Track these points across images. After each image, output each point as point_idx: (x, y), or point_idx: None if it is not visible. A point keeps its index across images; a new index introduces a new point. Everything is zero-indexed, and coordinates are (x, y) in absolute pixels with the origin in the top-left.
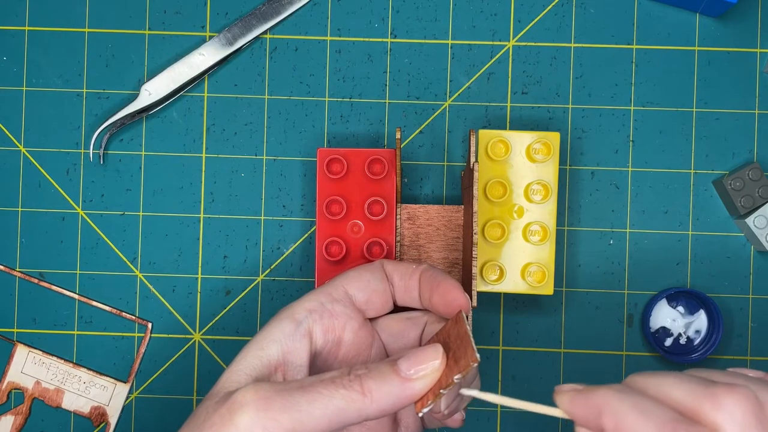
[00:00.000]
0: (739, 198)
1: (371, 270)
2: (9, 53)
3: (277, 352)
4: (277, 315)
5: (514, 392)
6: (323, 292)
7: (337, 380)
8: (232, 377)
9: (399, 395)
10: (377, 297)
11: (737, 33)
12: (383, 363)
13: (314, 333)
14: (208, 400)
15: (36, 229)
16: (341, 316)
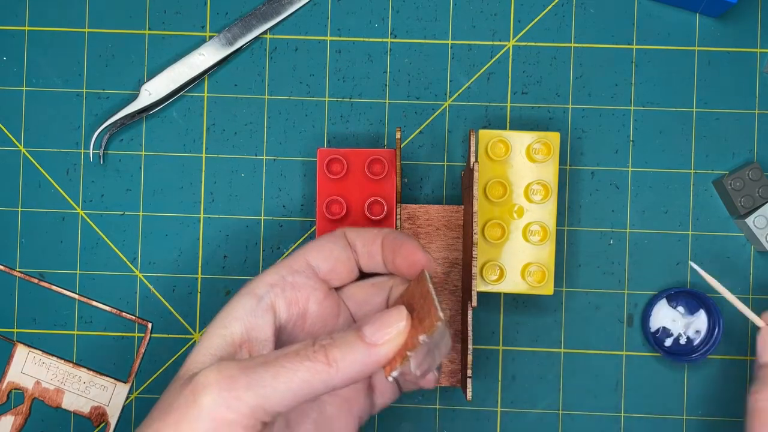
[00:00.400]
0: (739, 198)
1: (333, 239)
2: (9, 53)
3: (240, 329)
4: (238, 292)
5: (515, 392)
6: (284, 266)
7: (301, 352)
8: (197, 359)
9: (365, 362)
10: (341, 266)
11: (737, 33)
12: (347, 331)
13: (277, 307)
14: (173, 384)
15: (36, 229)
16: (304, 287)
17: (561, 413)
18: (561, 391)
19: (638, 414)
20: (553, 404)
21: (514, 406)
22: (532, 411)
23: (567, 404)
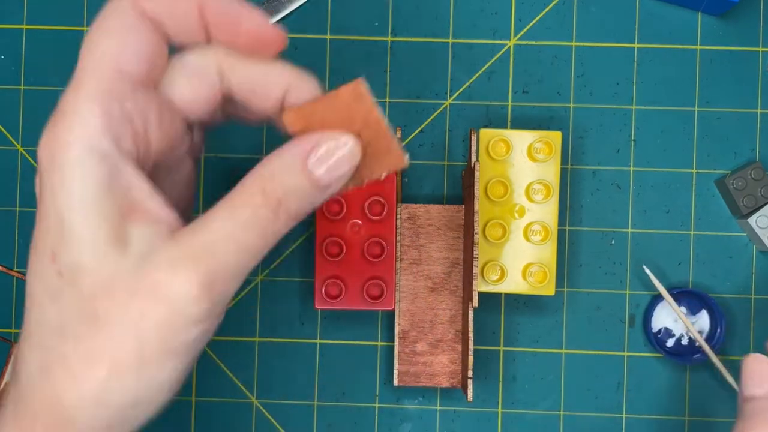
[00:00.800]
0: (741, 197)
1: (120, 19)
2: (7, 52)
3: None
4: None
5: (516, 393)
6: (99, 92)
7: (259, 222)
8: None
9: (315, 203)
10: (158, 58)
11: (739, 32)
12: (305, 184)
13: (131, 160)
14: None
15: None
16: (136, 111)
17: (562, 414)
18: (562, 392)
19: (640, 415)
20: (554, 405)
21: (515, 407)
22: (533, 412)
23: (568, 405)
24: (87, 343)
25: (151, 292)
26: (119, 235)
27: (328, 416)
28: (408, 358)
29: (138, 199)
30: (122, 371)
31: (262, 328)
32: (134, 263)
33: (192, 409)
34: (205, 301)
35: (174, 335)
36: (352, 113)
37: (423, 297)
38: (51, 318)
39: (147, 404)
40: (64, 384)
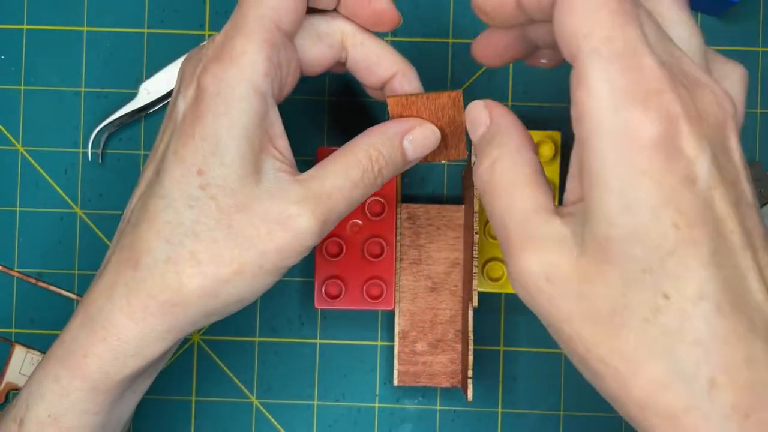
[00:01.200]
0: None
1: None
2: (7, 52)
3: (258, 144)
4: (222, 85)
5: (516, 393)
6: (262, 42)
7: (364, 180)
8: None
9: (397, 173)
10: (298, 15)
11: (739, 32)
12: (398, 156)
13: (275, 100)
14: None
15: (34, 228)
16: (285, 64)
17: (562, 414)
18: (562, 392)
19: None
20: (554, 405)
21: (515, 407)
22: (533, 412)
23: (568, 405)
24: (220, 247)
25: (282, 221)
26: (257, 164)
27: (328, 416)
28: (408, 358)
29: (275, 135)
30: (242, 275)
31: (262, 327)
32: (266, 191)
33: (192, 409)
34: (318, 235)
35: (287, 257)
36: (443, 112)
37: (423, 297)
38: (185, 221)
39: (242, 303)
40: (190, 276)
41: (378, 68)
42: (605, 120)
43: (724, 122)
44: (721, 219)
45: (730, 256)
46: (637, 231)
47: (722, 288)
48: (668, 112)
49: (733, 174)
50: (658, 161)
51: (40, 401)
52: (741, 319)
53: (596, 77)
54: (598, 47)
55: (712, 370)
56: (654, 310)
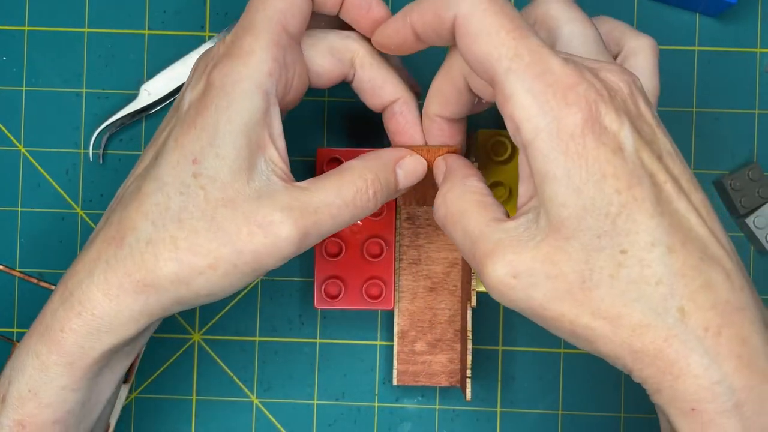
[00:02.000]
0: (739, 198)
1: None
2: (8, 53)
3: (256, 140)
4: (226, 81)
5: (514, 393)
6: (269, 44)
7: (356, 201)
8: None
9: (388, 200)
10: (304, 20)
11: (737, 33)
12: (392, 182)
13: (277, 100)
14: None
15: (35, 229)
16: (291, 66)
17: (561, 413)
18: (561, 392)
19: (639, 414)
20: (553, 404)
21: (514, 407)
22: (532, 411)
23: (567, 405)
24: (199, 237)
25: (264, 224)
26: (251, 161)
27: (328, 415)
28: (407, 357)
29: (273, 135)
30: (215, 269)
31: (262, 327)
32: (255, 191)
33: (192, 408)
34: (296, 246)
35: (262, 262)
36: (434, 156)
37: (422, 297)
38: (173, 206)
39: (212, 297)
40: (166, 260)
41: (382, 92)
42: (537, 123)
43: (630, 92)
44: (653, 173)
45: (669, 203)
46: (586, 205)
47: (670, 231)
48: (586, 100)
49: (650, 133)
50: (590, 142)
51: (20, 376)
52: (692, 253)
53: (518, 91)
54: (511, 66)
55: (679, 300)
56: (616, 265)
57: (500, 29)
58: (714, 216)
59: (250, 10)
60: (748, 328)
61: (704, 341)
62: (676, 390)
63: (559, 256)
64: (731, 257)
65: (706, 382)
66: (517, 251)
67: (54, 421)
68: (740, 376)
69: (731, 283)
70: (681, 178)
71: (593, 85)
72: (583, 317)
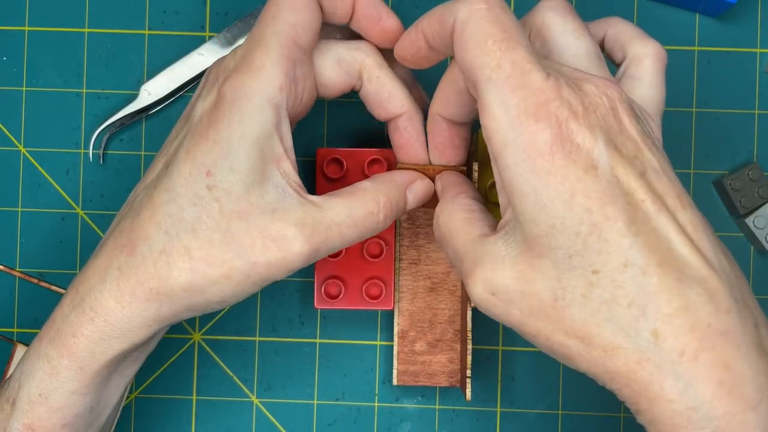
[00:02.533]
0: (738, 198)
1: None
2: (9, 53)
3: (265, 154)
4: (239, 95)
5: (514, 393)
6: (280, 57)
7: (366, 222)
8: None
9: (394, 219)
10: (315, 33)
11: (737, 33)
12: (402, 203)
13: (288, 114)
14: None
15: (36, 229)
16: (301, 79)
17: (561, 413)
18: (561, 392)
19: None
20: (553, 404)
21: (514, 407)
22: (532, 411)
23: (567, 404)
24: (214, 248)
25: (278, 239)
26: (264, 174)
27: (328, 415)
28: (407, 357)
29: (285, 148)
30: (229, 279)
31: (262, 327)
32: (270, 205)
33: (192, 408)
34: (305, 261)
35: (274, 273)
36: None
37: (422, 297)
38: (186, 216)
39: (222, 304)
40: (180, 269)
41: (388, 105)
42: (507, 137)
43: (613, 107)
44: (629, 192)
45: (646, 222)
46: (555, 224)
47: (644, 251)
48: (557, 118)
49: (633, 149)
50: (559, 160)
51: (31, 380)
52: (669, 274)
53: (493, 102)
54: (490, 76)
55: (652, 323)
56: (588, 285)
57: (488, 38)
58: (705, 233)
59: (261, 24)
60: (732, 353)
61: (679, 366)
62: (654, 413)
63: (533, 274)
64: (719, 277)
65: (681, 407)
66: (494, 268)
67: (63, 425)
68: (720, 403)
69: (715, 305)
70: (666, 195)
71: (568, 101)
72: (557, 335)
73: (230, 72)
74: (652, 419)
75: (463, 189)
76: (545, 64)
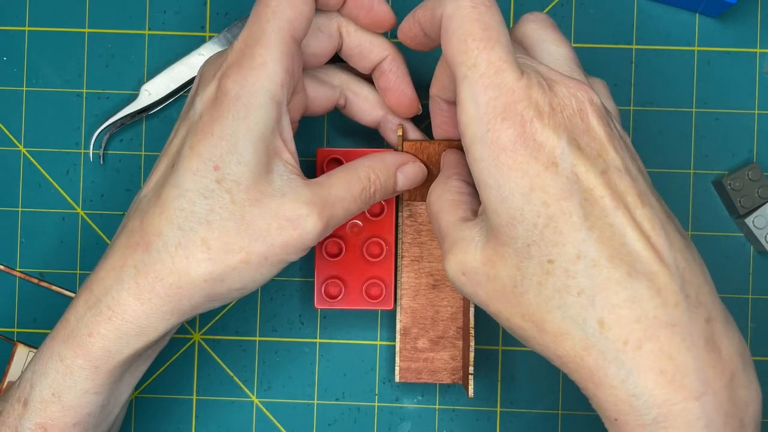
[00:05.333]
0: (738, 198)
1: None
2: (9, 53)
3: (270, 150)
4: (241, 92)
5: (514, 392)
6: (280, 54)
7: (362, 197)
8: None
9: (386, 198)
10: (308, 23)
11: (737, 33)
12: (391, 184)
13: (287, 107)
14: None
15: (36, 229)
16: (298, 73)
17: (561, 413)
18: (561, 392)
19: None
20: (553, 404)
21: (514, 406)
22: (532, 411)
23: (567, 404)
24: (231, 236)
25: (292, 219)
26: (269, 165)
27: (328, 415)
28: (409, 354)
29: (286, 140)
30: (248, 263)
31: (263, 327)
32: (279, 190)
33: (193, 408)
34: (319, 236)
35: (290, 252)
36: (436, 151)
37: (424, 294)
38: (198, 210)
39: (242, 291)
40: (200, 261)
41: (370, 53)
42: (476, 132)
43: (581, 108)
44: (588, 189)
45: (602, 217)
46: (515, 215)
47: (597, 245)
48: (522, 118)
49: (597, 148)
50: (521, 156)
51: (43, 380)
52: (619, 267)
53: (467, 99)
54: (466, 73)
55: (599, 312)
56: (544, 273)
57: (468, 37)
58: (662, 230)
59: (260, 19)
60: (677, 345)
61: (623, 354)
62: (599, 398)
63: (497, 260)
64: (670, 271)
65: (623, 394)
66: (466, 251)
67: (75, 423)
68: (661, 391)
69: (662, 298)
70: (627, 193)
71: (536, 101)
72: (515, 318)
73: (230, 66)
74: (599, 404)
75: (458, 171)
76: (523, 63)
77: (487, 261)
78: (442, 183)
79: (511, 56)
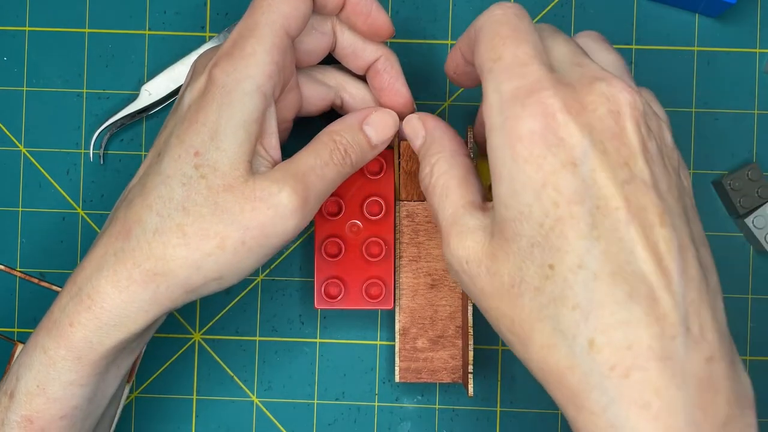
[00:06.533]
0: (738, 198)
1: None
2: (9, 53)
3: (255, 136)
4: (228, 81)
5: (514, 392)
6: (270, 46)
7: (333, 159)
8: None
9: (368, 157)
10: (304, 23)
11: (737, 33)
12: (362, 140)
13: (274, 99)
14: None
15: (36, 229)
16: (289, 69)
17: (561, 413)
18: None
19: None
20: (553, 404)
21: (514, 406)
22: (532, 411)
23: None
24: (205, 221)
25: (264, 198)
26: (249, 154)
27: (328, 414)
28: (409, 354)
29: (268, 132)
30: (224, 249)
31: (263, 327)
32: (252, 176)
33: (193, 407)
34: (300, 213)
35: (269, 235)
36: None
37: (423, 294)
38: (176, 197)
39: (221, 282)
40: (175, 246)
41: (363, 53)
42: (495, 120)
43: (617, 111)
44: (604, 197)
45: (613, 230)
46: (523, 211)
47: (601, 258)
48: (545, 108)
49: (626, 156)
50: (538, 149)
51: (28, 372)
52: (620, 286)
53: (490, 90)
54: (491, 66)
55: (591, 331)
56: (543, 278)
57: (495, 36)
58: (679, 256)
59: (256, 12)
60: (667, 380)
61: (607, 380)
62: (579, 425)
63: (500, 255)
64: (675, 301)
65: (603, 422)
66: (473, 240)
67: (61, 416)
68: (644, 426)
69: (660, 329)
70: (647, 209)
71: (563, 94)
72: (505, 319)
73: (221, 57)
74: (578, 429)
75: (461, 148)
76: (561, 61)
77: (491, 254)
78: (449, 157)
79: (540, 54)
